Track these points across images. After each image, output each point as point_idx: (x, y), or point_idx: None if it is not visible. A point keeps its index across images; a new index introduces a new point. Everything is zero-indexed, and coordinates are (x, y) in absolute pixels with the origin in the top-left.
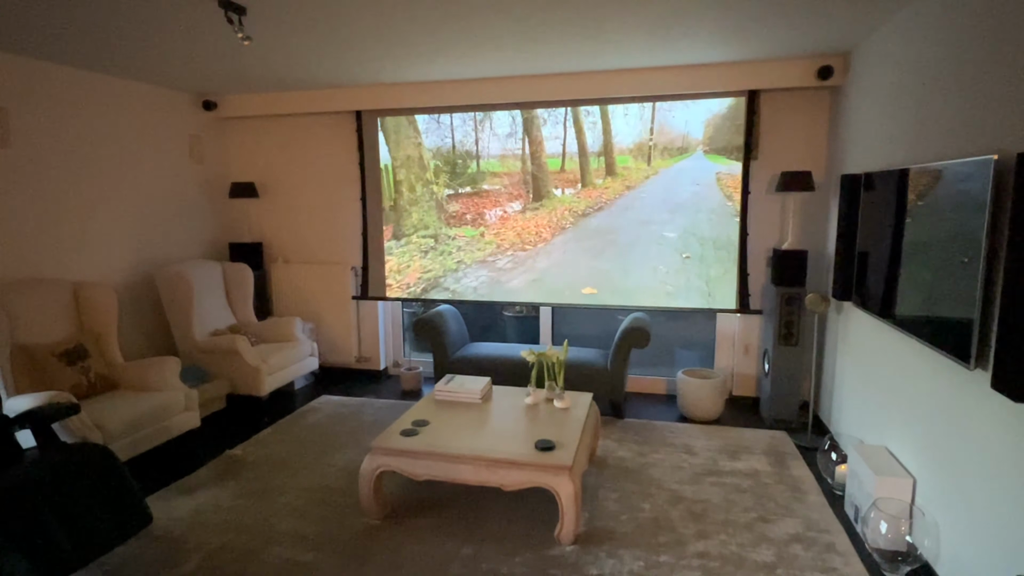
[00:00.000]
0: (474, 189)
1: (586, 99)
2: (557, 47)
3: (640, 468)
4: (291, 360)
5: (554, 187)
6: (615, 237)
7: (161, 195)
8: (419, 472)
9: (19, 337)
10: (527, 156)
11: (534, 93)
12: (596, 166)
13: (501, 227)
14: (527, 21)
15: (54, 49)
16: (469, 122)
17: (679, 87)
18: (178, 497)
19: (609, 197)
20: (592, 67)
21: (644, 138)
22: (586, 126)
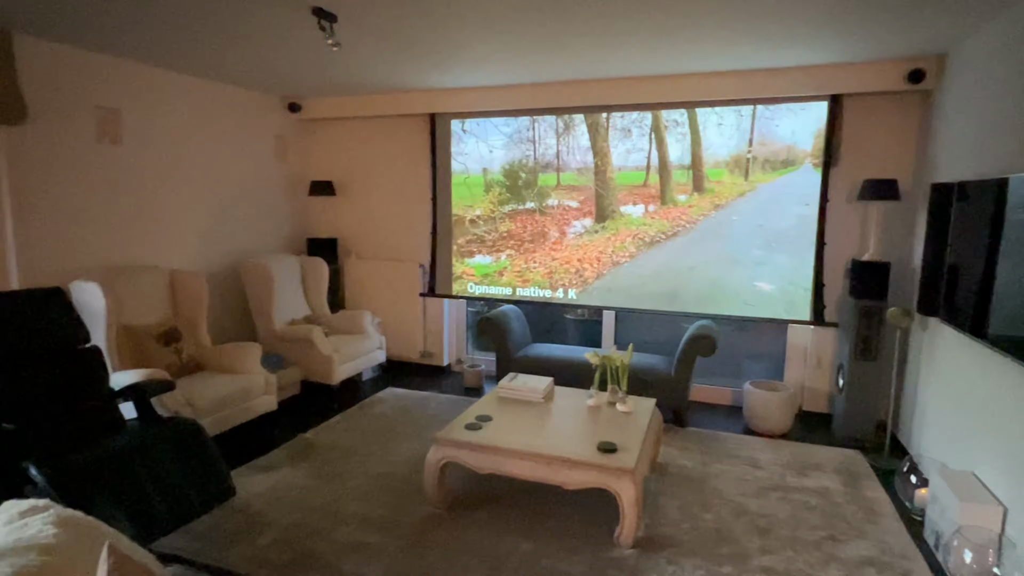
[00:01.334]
0: (539, 206)
1: (661, 103)
2: (635, 49)
3: (703, 478)
4: (361, 352)
5: (625, 204)
6: (686, 283)
7: (248, 191)
8: (481, 465)
9: (123, 318)
10: (589, 170)
11: (609, 96)
12: (684, 180)
13: (542, 256)
14: (605, 24)
15: (161, 55)
16: (545, 130)
17: (757, 91)
18: (256, 474)
19: (691, 218)
20: (668, 70)
21: (742, 150)
22: (674, 137)
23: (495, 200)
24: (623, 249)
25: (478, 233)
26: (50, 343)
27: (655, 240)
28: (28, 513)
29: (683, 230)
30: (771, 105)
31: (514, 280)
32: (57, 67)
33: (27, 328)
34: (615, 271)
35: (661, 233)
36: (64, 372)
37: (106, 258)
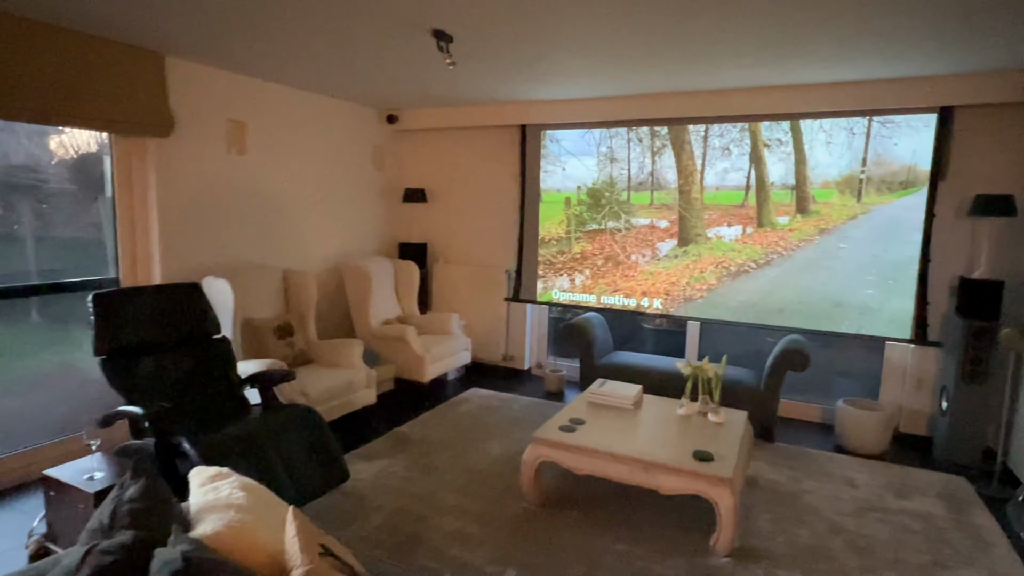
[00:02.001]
0: (623, 226)
1: (761, 114)
2: (736, 61)
3: (795, 493)
4: (449, 352)
5: (719, 226)
6: (771, 314)
7: (348, 198)
8: (579, 466)
9: (245, 312)
10: (671, 187)
11: (705, 108)
12: (787, 200)
13: (609, 282)
14: (709, 38)
15: (282, 73)
16: (643, 151)
17: (862, 103)
18: (360, 462)
19: (789, 243)
20: (769, 82)
21: (855, 169)
22: (777, 156)
23: (573, 218)
24: (700, 280)
25: (547, 254)
26: (189, 332)
27: (742, 270)
28: (216, 478)
29: (778, 258)
30: (887, 123)
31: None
32: (197, 85)
33: (172, 318)
34: (685, 307)
35: (751, 262)
36: (200, 359)
37: (231, 257)
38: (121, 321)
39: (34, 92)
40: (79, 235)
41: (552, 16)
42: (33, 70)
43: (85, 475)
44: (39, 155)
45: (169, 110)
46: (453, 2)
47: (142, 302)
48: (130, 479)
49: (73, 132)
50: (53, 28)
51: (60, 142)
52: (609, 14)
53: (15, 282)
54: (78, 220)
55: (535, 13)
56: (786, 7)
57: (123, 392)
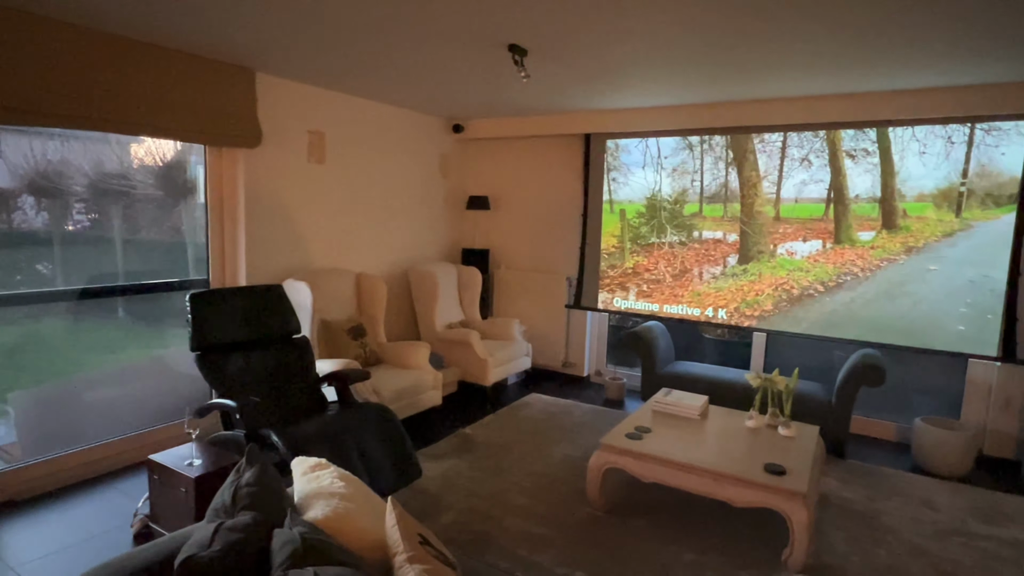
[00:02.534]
0: (684, 239)
1: (841, 122)
2: (818, 68)
3: (870, 513)
4: (511, 357)
5: (792, 240)
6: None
7: (415, 205)
8: (646, 474)
9: (322, 313)
10: (727, 198)
11: (780, 116)
12: (872, 214)
13: (658, 299)
14: (789, 46)
15: (357, 85)
16: (715, 160)
17: (968, 109)
18: (429, 461)
19: (868, 263)
20: (849, 88)
21: (954, 181)
22: (863, 167)
23: (629, 231)
24: (755, 304)
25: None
26: (274, 331)
27: (806, 293)
28: (317, 468)
29: (851, 280)
30: (992, 130)
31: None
32: (282, 98)
33: (258, 318)
34: (751, 320)
35: (817, 283)
36: (283, 356)
37: (308, 261)
38: (214, 319)
39: (143, 108)
40: (161, 238)
41: (629, 28)
42: (141, 87)
43: (185, 461)
44: (128, 163)
45: (258, 123)
46: (531, 18)
47: (232, 302)
48: (246, 465)
49: (158, 141)
50: (158, 48)
51: (148, 150)
52: (687, 22)
53: (105, 282)
54: (161, 224)
55: (612, 25)
56: (886, 7)
57: (215, 385)
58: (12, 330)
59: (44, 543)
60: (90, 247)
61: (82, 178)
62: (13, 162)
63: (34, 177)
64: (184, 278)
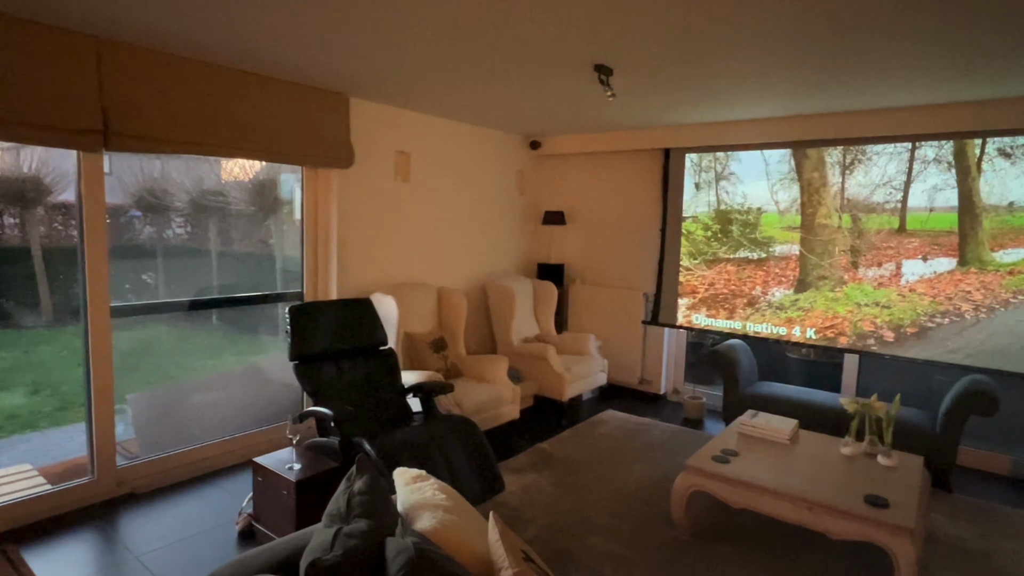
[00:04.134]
0: (757, 256)
1: (961, 132)
2: (919, 76)
3: (984, 553)
4: (587, 372)
5: (910, 258)
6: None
7: (493, 220)
8: (735, 500)
9: (406, 326)
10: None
11: (859, 129)
12: (1010, 224)
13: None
14: (889, 57)
15: (440, 107)
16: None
17: None
18: (509, 475)
19: (995, 296)
20: (967, 97)
21: None
22: (1021, 168)
23: (688, 244)
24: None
25: None
26: (363, 342)
27: (865, 343)
28: (418, 479)
29: (954, 321)
30: None
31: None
32: (372, 121)
33: (349, 330)
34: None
35: (892, 326)
36: (372, 367)
37: (393, 275)
38: (310, 330)
39: (250, 133)
40: (252, 251)
41: (718, 47)
42: (248, 115)
43: (286, 465)
44: (223, 180)
45: (350, 144)
46: (620, 41)
47: (327, 314)
48: (356, 473)
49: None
50: (261, 77)
51: (241, 167)
52: (781, 39)
53: (201, 294)
54: (251, 238)
55: (700, 45)
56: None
57: (311, 393)
58: (124, 335)
59: (162, 535)
60: (189, 259)
61: (183, 195)
62: (125, 181)
63: (143, 194)
64: (272, 290)
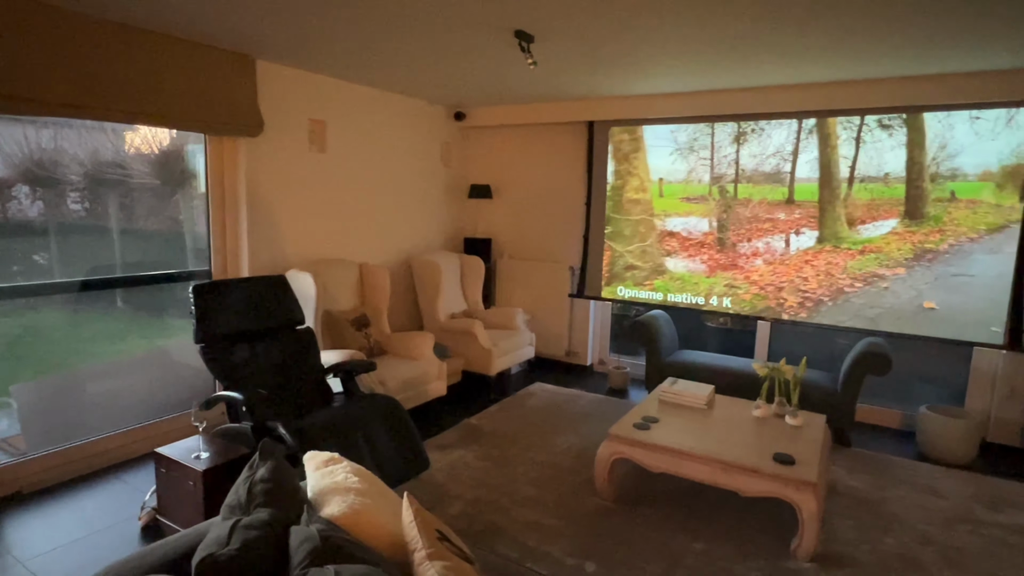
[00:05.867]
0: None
1: (879, 107)
2: (841, 53)
3: (878, 501)
4: (514, 347)
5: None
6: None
7: (417, 194)
8: (655, 464)
9: (325, 304)
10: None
11: (809, 102)
12: (884, 194)
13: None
14: (811, 34)
15: (359, 73)
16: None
17: (1009, 94)
18: (435, 452)
19: (833, 282)
20: (890, 73)
21: (1017, 158)
22: (897, 140)
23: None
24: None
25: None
26: (278, 322)
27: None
28: (330, 462)
29: (824, 302)
30: None
31: (666, 285)
32: (283, 86)
33: (262, 309)
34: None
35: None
36: (288, 348)
37: (311, 251)
38: (218, 311)
39: (143, 96)
40: (159, 228)
41: (639, 14)
42: (141, 75)
43: (192, 454)
44: (124, 151)
45: (259, 111)
46: (538, 4)
47: (236, 293)
48: (259, 460)
49: (154, 129)
50: (157, 35)
51: (144, 138)
52: (702, 9)
53: (104, 273)
54: (158, 214)
55: (621, 11)
56: None
57: (221, 377)
58: (10, 322)
59: (52, 536)
60: (87, 237)
61: (78, 167)
62: (7, 151)
63: (29, 166)
64: (183, 269)
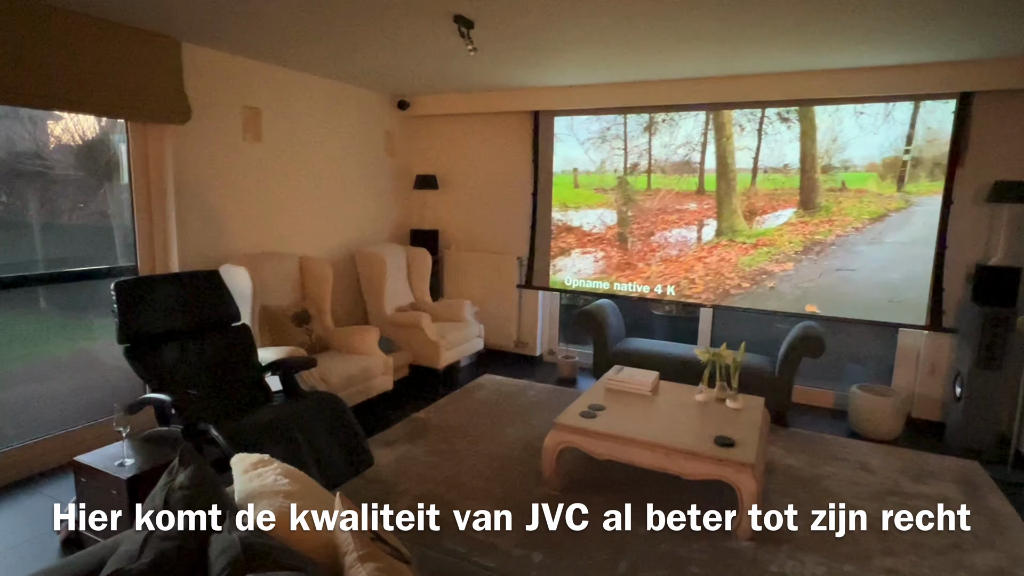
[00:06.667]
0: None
1: (774, 100)
2: (753, 48)
3: (813, 479)
4: (463, 339)
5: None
6: (784, 289)
7: (361, 184)
8: (601, 452)
9: (263, 299)
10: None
11: (719, 95)
12: (785, 184)
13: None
14: (727, 25)
15: (296, 58)
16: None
17: (880, 89)
18: (381, 448)
19: (722, 281)
20: (783, 68)
21: (894, 151)
22: (792, 134)
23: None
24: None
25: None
26: (210, 320)
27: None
28: (259, 464)
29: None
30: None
31: (612, 276)
32: (213, 71)
33: (193, 306)
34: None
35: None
36: (222, 346)
37: (247, 244)
38: (143, 309)
39: (52, 78)
40: (86, 222)
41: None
42: (49, 56)
43: (116, 461)
44: (44, 141)
45: (186, 97)
46: None
47: (163, 290)
48: (179, 465)
49: (78, 118)
50: (68, 13)
51: (66, 127)
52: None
53: (23, 270)
54: (84, 208)
55: None
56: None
57: (148, 380)
58: None
59: None
60: (3, 232)
61: None
62: None
63: None
64: (113, 264)
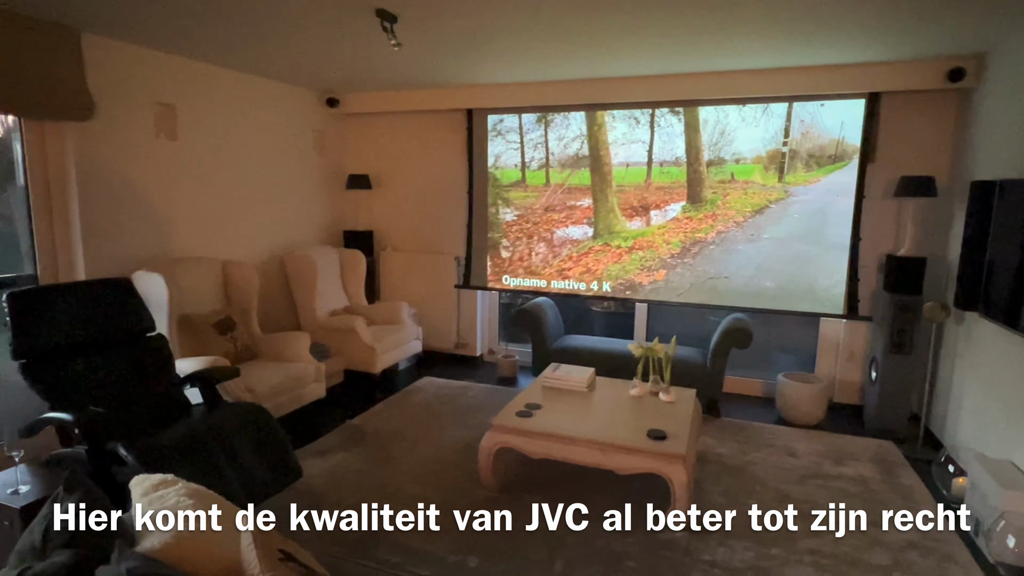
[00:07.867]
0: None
1: (691, 99)
2: (670, 47)
3: (742, 466)
4: (400, 342)
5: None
6: (718, 283)
7: (288, 185)
8: (536, 451)
9: (182, 308)
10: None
11: (642, 94)
12: (680, 177)
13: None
14: (642, 24)
15: (214, 52)
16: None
17: (789, 89)
18: (313, 458)
19: (606, 290)
20: (701, 68)
21: (776, 143)
22: (674, 131)
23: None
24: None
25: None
26: (120, 331)
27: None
28: (161, 486)
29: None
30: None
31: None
32: (120, 64)
33: (99, 317)
34: (634, 291)
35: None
36: (134, 359)
37: (164, 249)
38: (43, 321)
39: None
40: None
41: None
42: None
43: (8, 489)
44: None
45: (88, 91)
46: None
47: (66, 300)
48: (63, 492)
49: None
50: None
51: None
52: None
53: None
54: None
55: None
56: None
57: (49, 398)
58: None
59: None
60: None
61: None
62: None
63: None
64: (20, 272)
